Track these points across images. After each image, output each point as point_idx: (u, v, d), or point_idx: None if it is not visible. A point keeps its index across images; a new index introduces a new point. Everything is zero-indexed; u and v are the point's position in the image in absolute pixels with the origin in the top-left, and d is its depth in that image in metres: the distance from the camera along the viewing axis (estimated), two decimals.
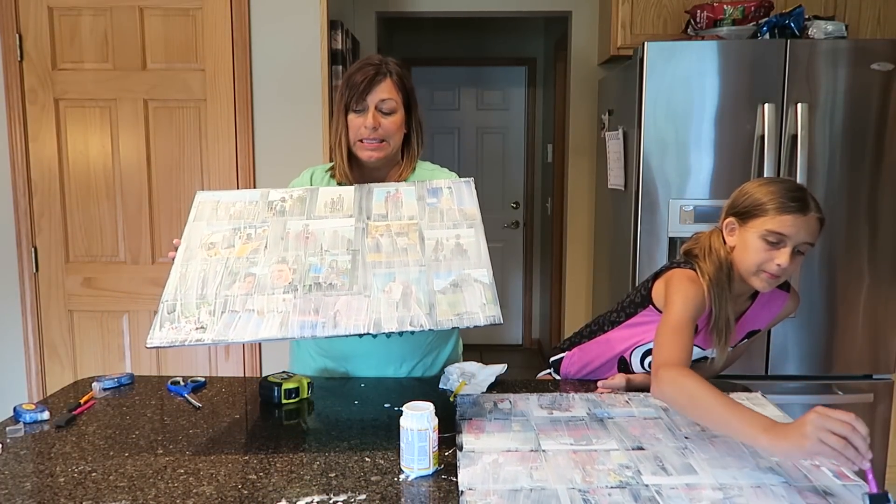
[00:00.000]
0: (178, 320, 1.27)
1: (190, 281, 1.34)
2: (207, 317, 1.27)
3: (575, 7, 3.55)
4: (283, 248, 1.40)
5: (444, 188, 1.52)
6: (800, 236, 1.37)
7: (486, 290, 1.28)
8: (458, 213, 1.46)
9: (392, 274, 1.32)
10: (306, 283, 1.32)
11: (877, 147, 2.56)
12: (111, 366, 2.77)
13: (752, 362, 2.64)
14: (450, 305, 1.26)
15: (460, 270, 1.32)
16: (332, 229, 1.43)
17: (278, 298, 1.29)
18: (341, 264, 1.35)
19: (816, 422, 1.02)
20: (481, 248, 1.37)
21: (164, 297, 1.32)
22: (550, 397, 1.47)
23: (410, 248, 1.38)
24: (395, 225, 1.44)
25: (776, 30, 2.66)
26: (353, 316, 1.25)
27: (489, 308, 1.25)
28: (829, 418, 1.01)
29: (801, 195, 1.38)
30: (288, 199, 1.51)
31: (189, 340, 1.23)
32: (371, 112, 1.55)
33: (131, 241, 2.74)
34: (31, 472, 1.16)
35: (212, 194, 1.54)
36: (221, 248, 1.41)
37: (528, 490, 1.07)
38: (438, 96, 4.99)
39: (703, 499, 1.05)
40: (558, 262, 4.11)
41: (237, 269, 1.36)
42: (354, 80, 1.55)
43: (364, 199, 1.50)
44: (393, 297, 1.28)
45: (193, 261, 1.38)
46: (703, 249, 1.48)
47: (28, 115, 2.67)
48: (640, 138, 2.58)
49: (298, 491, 1.10)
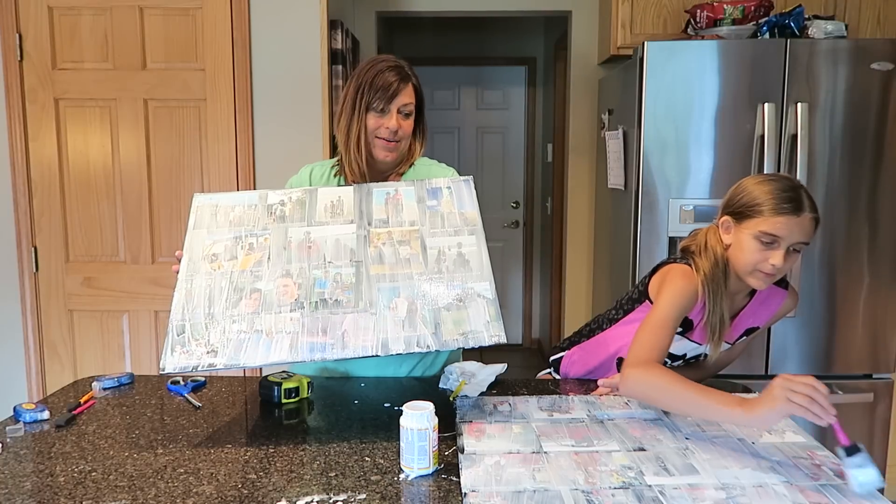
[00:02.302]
0: (188, 343, 1.30)
1: (196, 299, 1.36)
2: (217, 338, 1.30)
3: (575, 7, 3.55)
4: (286, 259, 1.41)
5: (444, 188, 1.53)
6: (793, 237, 1.38)
7: (490, 306, 1.32)
8: (458, 218, 1.47)
9: (396, 288, 1.35)
10: (312, 299, 1.34)
11: (877, 147, 2.56)
12: (111, 365, 2.77)
13: (752, 362, 2.64)
14: (455, 324, 1.30)
15: (463, 284, 1.35)
16: (333, 237, 1.44)
17: (286, 318, 1.32)
18: (346, 278, 1.37)
19: (783, 385, 1.13)
20: (483, 258, 1.40)
21: (171, 317, 1.34)
22: (550, 399, 1.47)
23: (413, 259, 1.40)
24: (396, 232, 1.45)
25: (776, 29, 2.66)
26: (360, 336, 1.29)
27: (493, 327, 1.30)
28: (793, 381, 1.13)
29: (795, 195, 1.38)
30: (287, 201, 1.51)
31: (202, 366, 1.27)
32: (394, 115, 1.57)
33: (131, 241, 2.74)
34: (30, 472, 1.16)
35: (209, 197, 1.54)
36: (224, 261, 1.42)
37: (532, 491, 1.07)
38: (438, 96, 4.99)
39: (706, 499, 1.05)
40: (558, 261, 4.11)
41: (242, 285, 1.37)
42: (380, 82, 1.55)
43: (364, 202, 1.50)
44: (399, 315, 1.31)
45: (198, 275, 1.40)
46: (699, 246, 1.49)
47: (28, 115, 2.67)
48: (640, 138, 2.58)
49: (298, 490, 1.10)
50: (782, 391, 1.12)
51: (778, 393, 1.13)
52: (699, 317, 1.48)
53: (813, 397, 1.10)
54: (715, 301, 1.44)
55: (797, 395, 1.11)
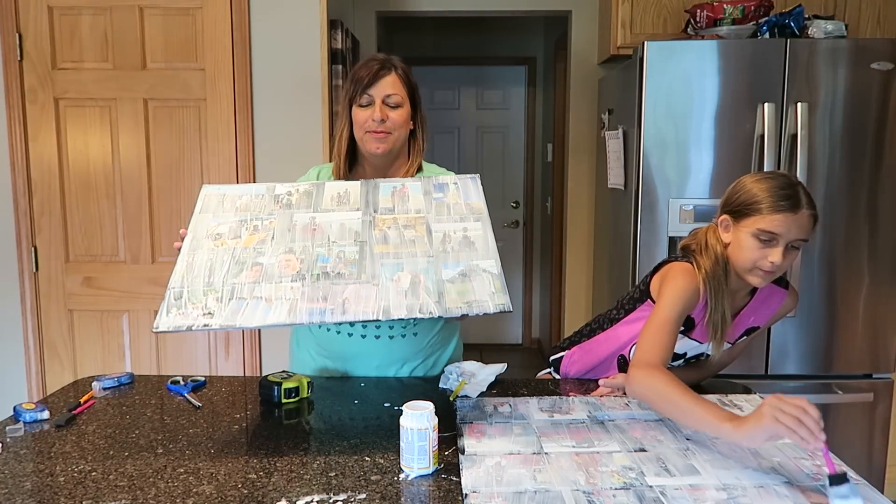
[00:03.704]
0: (184, 306, 1.26)
1: (197, 269, 1.34)
2: (215, 303, 1.26)
3: (575, 6, 3.55)
4: (289, 238, 1.40)
5: (451, 184, 1.53)
6: (791, 234, 1.38)
7: (495, 279, 1.30)
8: (464, 207, 1.46)
9: (400, 264, 1.33)
10: (314, 272, 1.32)
11: (877, 147, 2.56)
12: (111, 365, 2.77)
13: (752, 362, 2.64)
14: (459, 294, 1.27)
15: (468, 261, 1.33)
16: (339, 222, 1.44)
17: (286, 286, 1.29)
18: (349, 255, 1.36)
19: (772, 403, 1.11)
20: (489, 241, 1.38)
21: (170, 284, 1.31)
22: (550, 400, 1.47)
23: (418, 240, 1.38)
24: (402, 218, 1.44)
25: (776, 29, 2.65)
26: (361, 303, 1.26)
27: (498, 297, 1.26)
28: (783, 401, 1.11)
29: (792, 192, 1.39)
30: (294, 192, 1.51)
31: (196, 325, 1.23)
32: (378, 105, 1.56)
33: (131, 241, 2.74)
34: (30, 472, 1.16)
35: (217, 188, 1.54)
36: (228, 239, 1.41)
37: (533, 492, 1.07)
38: (438, 96, 4.99)
39: (707, 499, 1.05)
40: (558, 261, 4.11)
41: (244, 259, 1.36)
42: (359, 74, 1.57)
43: (370, 194, 1.50)
44: (402, 286, 1.28)
45: (200, 251, 1.38)
46: (699, 245, 1.50)
47: (28, 115, 2.67)
48: (640, 138, 2.58)
49: (298, 490, 1.09)
50: (771, 410, 1.10)
51: (766, 411, 1.11)
52: (701, 315, 1.49)
53: (802, 419, 1.08)
54: (717, 299, 1.44)
55: (785, 416, 1.09)
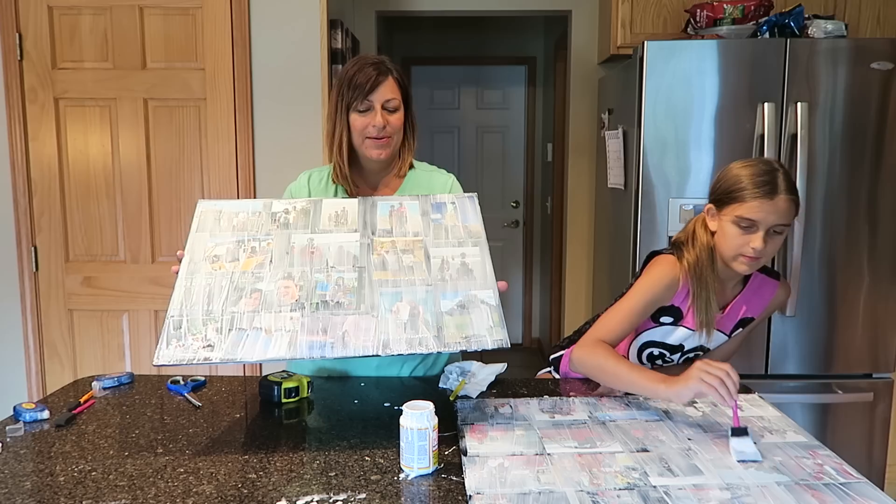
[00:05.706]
0: (184, 337, 1.26)
1: (195, 296, 1.33)
2: (215, 334, 1.26)
3: (575, 6, 3.55)
4: (288, 262, 1.39)
5: (448, 203, 1.52)
6: (770, 220, 1.40)
7: (493, 312, 1.30)
8: (462, 231, 1.46)
9: (399, 293, 1.33)
10: (313, 300, 1.32)
11: (877, 146, 2.56)
12: (111, 365, 2.77)
13: (752, 362, 2.64)
14: (458, 328, 1.27)
15: (467, 291, 1.34)
16: (337, 244, 1.43)
17: (286, 316, 1.29)
18: (348, 282, 1.35)
19: (700, 367, 1.27)
20: (486, 268, 1.38)
21: (169, 312, 1.30)
22: (551, 401, 1.47)
23: (416, 267, 1.38)
24: (400, 241, 1.44)
25: (776, 29, 2.65)
26: (361, 336, 1.26)
27: (496, 332, 1.27)
28: (709, 365, 1.27)
29: (769, 178, 1.41)
30: (291, 210, 1.50)
31: (197, 359, 1.22)
32: (378, 111, 1.55)
33: (131, 241, 2.74)
34: (30, 471, 1.16)
35: (213, 204, 1.52)
36: (226, 262, 1.39)
37: (537, 493, 1.07)
38: (438, 96, 4.99)
39: (711, 499, 1.06)
40: (558, 261, 4.11)
41: (243, 285, 1.35)
42: (357, 80, 1.55)
43: (368, 213, 1.50)
44: (401, 318, 1.29)
45: (198, 274, 1.37)
46: (688, 235, 1.54)
47: (28, 115, 2.67)
48: (640, 137, 2.58)
49: (298, 490, 1.09)
50: (698, 372, 1.26)
51: (694, 373, 1.26)
52: (685, 303, 1.52)
53: (724, 381, 1.23)
54: (700, 284, 1.48)
55: (710, 377, 1.24)
